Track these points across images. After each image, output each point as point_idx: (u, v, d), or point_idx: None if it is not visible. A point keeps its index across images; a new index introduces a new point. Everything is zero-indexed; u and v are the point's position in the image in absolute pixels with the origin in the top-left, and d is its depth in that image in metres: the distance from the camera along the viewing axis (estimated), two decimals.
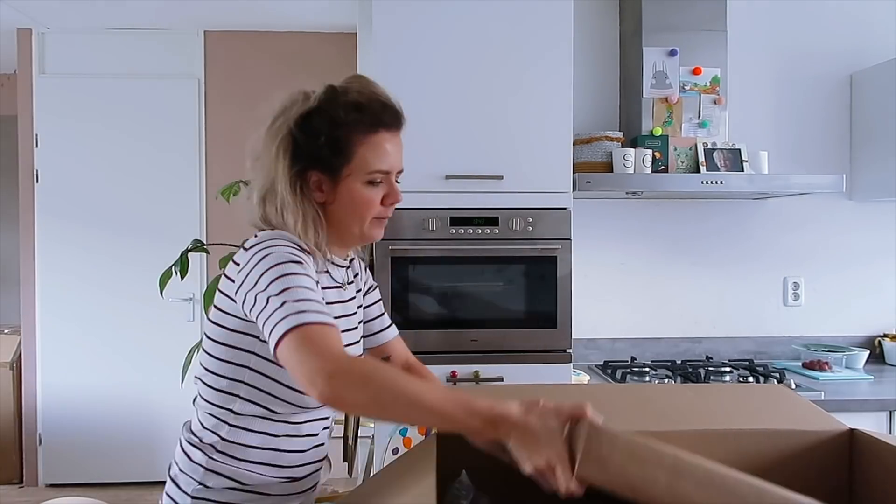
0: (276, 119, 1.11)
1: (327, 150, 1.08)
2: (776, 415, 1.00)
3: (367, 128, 1.09)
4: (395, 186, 1.15)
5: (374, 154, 1.10)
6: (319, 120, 1.08)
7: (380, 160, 1.10)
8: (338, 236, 1.15)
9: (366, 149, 1.09)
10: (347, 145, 1.08)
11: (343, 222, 1.12)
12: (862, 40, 2.63)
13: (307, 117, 1.08)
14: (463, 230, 2.04)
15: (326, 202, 1.11)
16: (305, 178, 1.09)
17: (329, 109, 1.08)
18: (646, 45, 2.38)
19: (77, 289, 3.55)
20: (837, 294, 2.64)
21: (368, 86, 1.13)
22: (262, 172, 1.11)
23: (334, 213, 1.12)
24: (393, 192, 1.14)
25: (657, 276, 2.60)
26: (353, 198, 1.10)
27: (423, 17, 2.04)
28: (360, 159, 1.09)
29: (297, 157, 1.08)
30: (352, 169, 1.09)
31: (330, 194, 1.11)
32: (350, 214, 1.12)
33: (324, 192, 1.11)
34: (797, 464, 0.92)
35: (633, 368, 2.34)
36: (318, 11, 3.34)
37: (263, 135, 1.12)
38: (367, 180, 1.10)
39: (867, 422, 2.02)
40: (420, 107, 2.04)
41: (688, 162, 2.35)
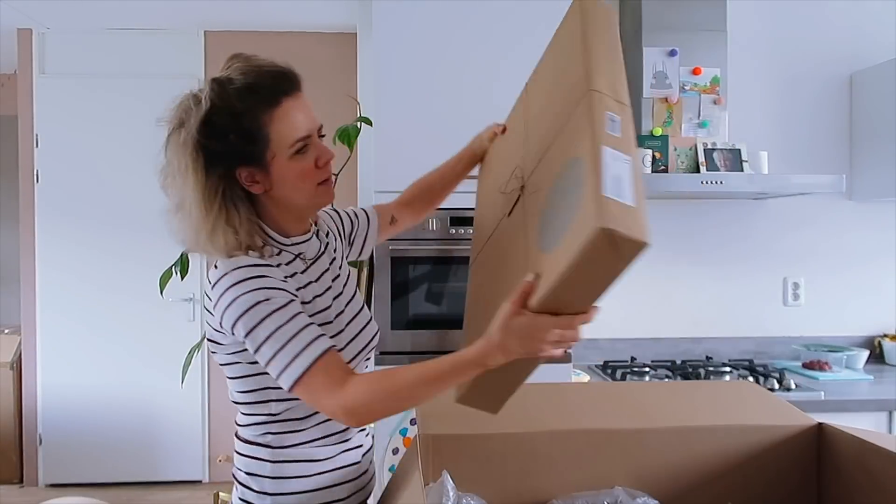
0: (174, 132, 1.07)
1: (242, 144, 1.03)
2: (748, 411, 1.03)
3: (268, 105, 1.03)
4: (321, 145, 1.10)
5: (287, 125, 1.04)
6: (220, 118, 1.02)
7: (295, 129, 1.05)
8: (293, 215, 1.13)
9: (277, 124, 1.03)
10: (258, 130, 1.03)
11: (291, 201, 1.09)
12: (862, 40, 2.63)
13: (207, 122, 1.02)
14: (463, 230, 2.04)
15: (267, 190, 1.08)
16: (234, 179, 1.05)
17: (224, 104, 1.02)
18: (646, 45, 2.38)
19: (77, 289, 3.55)
20: (837, 294, 2.64)
21: (249, 62, 1.07)
22: (176, 192, 1.09)
23: (279, 197, 1.09)
24: (322, 151, 1.09)
25: (657, 276, 2.60)
26: (288, 175, 1.06)
27: (423, 17, 2.04)
28: (276, 137, 1.04)
29: (214, 163, 1.03)
30: (274, 150, 1.04)
31: (266, 182, 1.06)
32: (293, 191, 1.08)
33: (260, 183, 1.06)
34: (769, 457, 0.95)
35: (633, 368, 2.34)
36: (318, 11, 3.34)
37: (168, 150, 1.09)
38: (292, 153, 1.05)
39: (867, 422, 2.02)
40: (420, 106, 2.04)
41: (688, 162, 2.36)
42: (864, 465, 0.87)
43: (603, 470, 0.95)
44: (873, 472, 0.85)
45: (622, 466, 0.95)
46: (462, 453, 0.98)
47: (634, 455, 0.96)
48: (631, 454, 0.96)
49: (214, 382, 3.59)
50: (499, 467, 0.99)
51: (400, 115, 2.04)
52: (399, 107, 2.04)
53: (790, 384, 2.13)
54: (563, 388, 1.37)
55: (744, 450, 0.95)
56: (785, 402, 1.06)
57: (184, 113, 1.05)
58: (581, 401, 1.09)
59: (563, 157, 0.90)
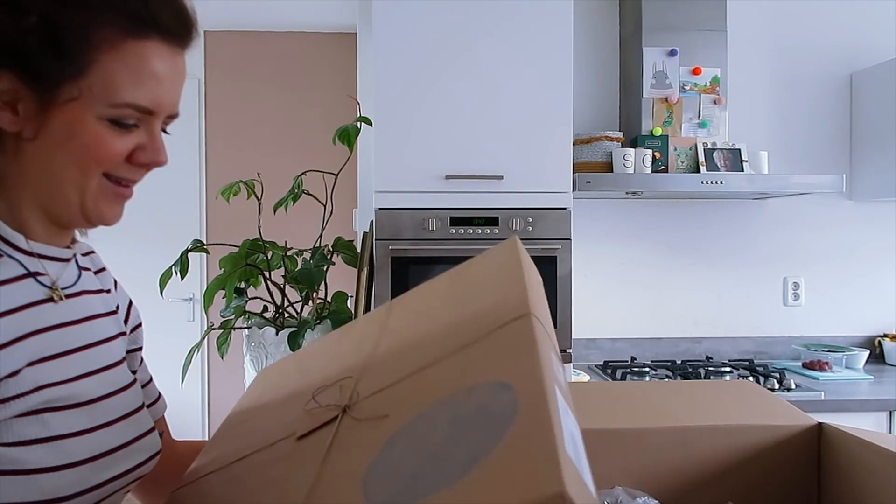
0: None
1: (40, 42, 0.61)
2: (748, 411, 1.03)
3: (128, 24, 0.63)
4: (157, 136, 0.69)
5: (131, 74, 0.63)
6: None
7: (140, 88, 0.64)
8: (43, 203, 0.67)
9: (117, 60, 0.63)
10: (83, 45, 0.62)
11: (50, 175, 0.65)
12: (862, 40, 2.63)
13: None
14: (463, 230, 2.04)
15: (23, 134, 0.63)
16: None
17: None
18: (646, 45, 2.38)
19: None
20: (837, 294, 2.64)
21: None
22: None
23: (35, 158, 0.64)
24: (153, 145, 0.68)
25: (657, 276, 2.60)
26: (76, 136, 0.63)
27: (423, 17, 2.04)
28: (102, 76, 0.62)
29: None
30: (83, 88, 0.62)
31: (30, 121, 0.63)
32: (64, 164, 0.64)
33: (20, 116, 0.63)
34: (769, 457, 0.95)
35: (633, 368, 2.34)
36: (318, 11, 3.34)
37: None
38: (109, 116, 0.64)
39: (867, 422, 2.02)
40: (420, 107, 2.04)
41: (688, 162, 2.36)
42: (864, 465, 0.87)
43: (603, 470, 0.95)
44: (873, 472, 0.85)
45: (622, 466, 0.95)
46: None
47: (634, 455, 0.96)
48: (631, 454, 0.96)
49: (214, 382, 3.59)
50: None
51: (400, 115, 2.04)
52: (399, 107, 2.04)
53: (790, 384, 2.13)
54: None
55: (744, 450, 0.95)
56: (785, 402, 1.06)
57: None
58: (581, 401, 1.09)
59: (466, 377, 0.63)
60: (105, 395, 0.69)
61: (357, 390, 0.70)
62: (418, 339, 0.76)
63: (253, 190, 1.95)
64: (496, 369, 0.60)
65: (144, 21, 0.64)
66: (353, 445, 0.62)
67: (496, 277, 0.79)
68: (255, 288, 2.12)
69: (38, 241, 0.68)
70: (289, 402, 0.78)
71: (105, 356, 0.72)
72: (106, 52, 0.62)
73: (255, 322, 2.08)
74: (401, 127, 2.04)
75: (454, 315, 0.76)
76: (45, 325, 0.65)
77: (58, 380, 0.64)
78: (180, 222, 3.55)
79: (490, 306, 0.71)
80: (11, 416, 0.60)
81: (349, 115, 2.33)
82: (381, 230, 2.03)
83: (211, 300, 2.07)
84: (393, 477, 0.53)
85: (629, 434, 0.98)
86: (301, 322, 2.02)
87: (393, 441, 0.58)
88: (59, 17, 0.61)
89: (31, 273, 0.66)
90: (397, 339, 0.80)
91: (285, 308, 2.09)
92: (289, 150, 3.45)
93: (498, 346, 0.64)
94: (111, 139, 0.64)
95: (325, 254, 2.13)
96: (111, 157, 0.65)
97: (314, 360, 0.89)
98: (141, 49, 0.64)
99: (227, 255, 2.06)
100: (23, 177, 0.65)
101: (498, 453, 0.48)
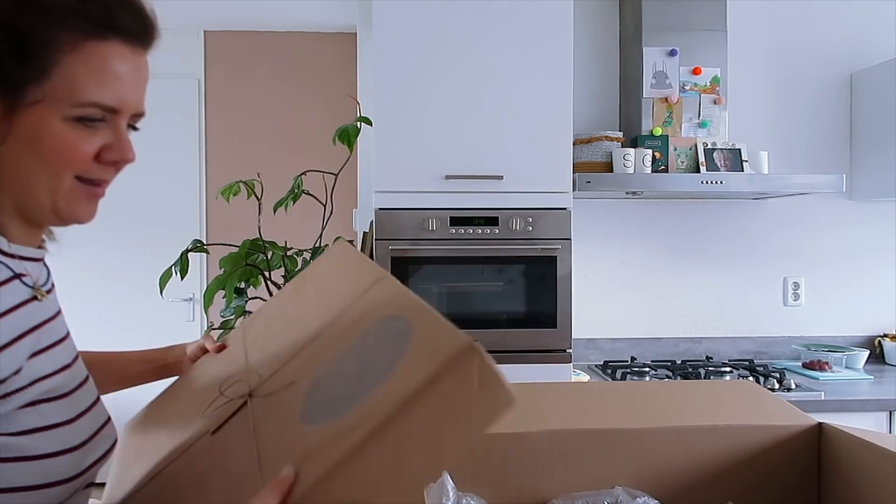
0: None
1: (3, 49, 0.62)
2: (748, 411, 1.03)
3: (88, 27, 0.65)
4: (123, 134, 0.70)
5: (94, 75, 0.65)
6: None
7: (102, 87, 0.66)
8: (17, 205, 0.69)
9: (78, 62, 0.65)
10: (46, 49, 0.63)
11: (22, 179, 0.66)
12: (862, 40, 2.63)
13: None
14: (463, 230, 2.04)
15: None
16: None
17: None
18: (646, 45, 2.38)
19: (76, 288, 3.55)
20: (837, 294, 2.64)
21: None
22: None
23: (6, 162, 0.66)
24: (120, 144, 0.69)
25: (657, 276, 2.60)
26: (42, 138, 0.65)
27: (423, 17, 2.04)
28: (66, 78, 0.64)
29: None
30: (48, 90, 0.64)
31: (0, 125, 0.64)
32: (34, 166, 0.66)
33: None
34: (769, 457, 0.95)
35: (633, 368, 2.34)
36: (318, 11, 3.34)
37: None
38: (73, 115, 0.65)
39: (867, 422, 2.02)
40: (420, 107, 2.04)
41: (688, 162, 2.36)
42: (864, 465, 0.87)
43: (603, 470, 0.96)
44: (873, 472, 0.85)
45: (622, 466, 0.95)
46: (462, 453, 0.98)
47: (634, 455, 0.96)
48: (631, 454, 0.96)
49: None
50: (499, 467, 0.99)
51: (400, 115, 2.04)
52: (399, 107, 2.04)
53: (790, 384, 2.13)
54: (563, 388, 1.38)
55: (744, 450, 0.95)
56: (785, 402, 1.06)
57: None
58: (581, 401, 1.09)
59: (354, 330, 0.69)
60: (78, 385, 0.73)
61: (249, 383, 0.74)
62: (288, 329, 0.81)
63: (253, 190, 1.95)
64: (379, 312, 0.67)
65: (104, 23, 0.66)
66: (277, 412, 0.66)
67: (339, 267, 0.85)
68: (255, 288, 2.12)
69: (16, 243, 0.70)
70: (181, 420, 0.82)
71: (71, 349, 0.76)
72: (68, 55, 0.64)
73: None
74: (401, 127, 2.04)
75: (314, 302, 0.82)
76: (35, 322, 0.68)
77: (48, 372, 0.68)
78: (180, 222, 3.55)
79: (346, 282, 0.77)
80: (14, 409, 0.64)
81: (349, 115, 2.33)
82: (381, 230, 2.03)
83: (211, 300, 2.07)
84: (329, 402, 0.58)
85: (629, 434, 0.98)
86: None
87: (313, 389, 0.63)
88: (21, 24, 0.63)
89: (17, 275, 0.69)
90: (266, 340, 0.84)
91: None
92: (289, 150, 3.45)
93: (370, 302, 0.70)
94: (78, 140, 0.66)
95: None
96: (80, 158, 0.67)
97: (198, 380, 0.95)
98: (101, 50, 0.66)
99: (227, 255, 2.06)
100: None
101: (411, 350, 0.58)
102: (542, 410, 1.06)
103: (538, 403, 1.08)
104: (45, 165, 0.66)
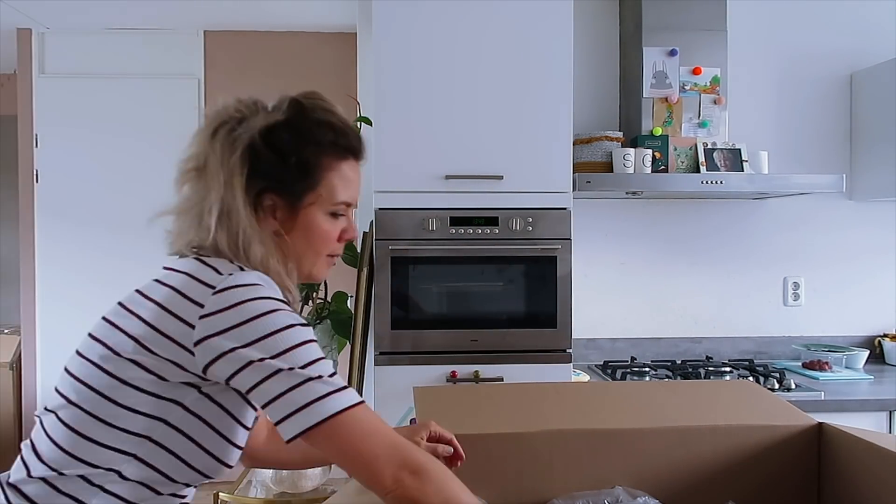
0: (228, 127, 0.95)
1: (294, 172, 0.94)
2: (748, 411, 1.03)
3: (340, 152, 0.98)
4: (352, 221, 1.03)
5: (343, 183, 0.98)
6: (288, 135, 0.94)
7: (346, 190, 0.99)
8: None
9: (335, 175, 0.97)
10: (316, 169, 0.95)
11: (294, 256, 0.98)
12: (862, 40, 2.63)
13: (273, 130, 0.93)
14: (463, 230, 2.04)
15: (278, 232, 0.96)
16: (260, 202, 0.94)
17: (301, 125, 0.95)
18: (646, 45, 2.38)
19: (77, 289, 3.55)
20: (837, 294, 2.64)
21: (333, 106, 1.01)
22: (209, 190, 0.93)
23: (286, 245, 0.97)
24: (350, 228, 1.02)
25: (657, 276, 2.60)
26: (313, 229, 0.97)
27: (423, 17, 2.04)
28: (327, 186, 0.97)
29: (255, 175, 0.92)
30: (316, 196, 0.96)
31: (286, 223, 0.96)
32: (305, 248, 0.98)
33: (278, 220, 0.96)
34: (769, 457, 0.95)
35: (633, 368, 2.34)
36: (318, 11, 3.34)
37: (208, 143, 0.95)
38: (330, 211, 0.98)
39: (867, 422, 2.02)
40: (420, 107, 2.04)
41: (688, 162, 2.36)
42: (864, 465, 0.87)
43: (603, 470, 0.96)
44: (873, 472, 0.85)
45: (622, 466, 0.95)
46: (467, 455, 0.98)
47: (634, 455, 0.96)
48: (631, 454, 0.96)
49: None
50: (499, 467, 0.99)
51: (400, 115, 2.04)
52: (399, 107, 2.04)
53: (790, 384, 2.13)
54: (563, 388, 1.37)
55: (744, 450, 0.95)
56: (785, 402, 1.06)
57: (247, 109, 0.97)
58: (581, 401, 1.09)
59: None
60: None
61: None
62: None
63: None
64: None
65: (347, 149, 0.99)
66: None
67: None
68: None
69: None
70: None
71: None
72: (330, 172, 0.97)
73: None
74: (401, 127, 2.04)
75: None
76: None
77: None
78: None
79: None
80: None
81: (349, 115, 2.33)
82: (381, 230, 2.03)
83: None
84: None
85: (629, 434, 0.98)
86: None
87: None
88: (306, 155, 0.95)
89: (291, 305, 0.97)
90: None
91: None
92: None
93: None
94: (332, 228, 0.99)
95: None
96: (330, 238, 0.99)
97: None
98: (346, 166, 0.99)
99: None
100: (282, 256, 0.96)
101: None
102: (542, 410, 1.05)
103: (538, 403, 1.08)
104: (310, 247, 0.98)
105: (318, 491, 1.91)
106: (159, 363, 0.85)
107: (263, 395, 0.81)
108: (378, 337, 2.03)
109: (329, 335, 2.06)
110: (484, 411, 1.08)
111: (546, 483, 0.96)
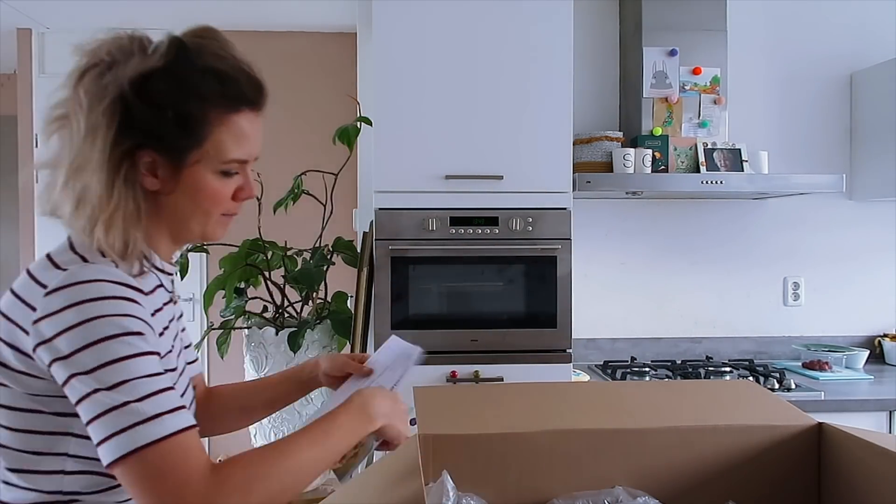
0: (97, 71, 0.85)
1: (173, 128, 0.84)
2: (748, 411, 1.03)
3: (228, 104, 0.87)
4: (250, 178, 0.93)
5: (234, 139, 0.88)
6: (167, 86, 0.83)
7: (239, 147, 0.88)
8: (171, 233, 0.93)
9: (224, 131, 0.87)
10: (200, 123, 0.85)
11: (181, 217, 0.90)
12: (862, 40, 2.63)
13: (148, 79, 0.82)
14: (463, 230, 2.04)
15: (161, 191, 0.87)
16: (134, 160, 0.83)
17: (181, 74, 0.84)
18: (646, 45, 2.38)
19: None
20: (837, 294, 2.64)
21: (226, 47, 0.90)
22: (68, 143, 0.84)
23: (170, 206, 0.89)
24: (247, 186, 0.93)
25: (657, 276, 2.60)
26: (200, 189, 0.88)
27: (423, 17, 2.04)
28: (215, 143, 0.86)
29: (127, 130, 0.82)
30: (202, 154, 0.86)
31: (168, 182, 0.87)
32: (192, 209, 0.89)
33: (159, 179, 0.86)
34: (769, 457, 0.95)
35: (633, 368, 2.34)
36: (318, 11, 3.34)
37: (73, 89, 0.86)
38: (220, 170, 0.88)
39: (867, 422, 2.03)
40: (420, 107, 2.04)
41: (688, 162, 2.36)
42: (864, 465, 0.87)
43: (603, 470, 0.95)
44: (873, 472, 0.85)
45: (622, 466, 0.95)
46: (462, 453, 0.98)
47: (634, 455, 0.96)
48: (631, 454, 0.96)
49: (214, 382, 3.58)
50: (499, 467, 0.99)
51: (400, 115, 2.04)
52: (399, 107, 2.04)
53: (790, 384, 2.13)
54: (563, 388, 1.37)
55: (744, 450, 0.95)
56: (785, 402, 1.06)
57: (119, 52, 0.85)
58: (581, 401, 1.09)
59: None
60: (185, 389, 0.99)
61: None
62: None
63: None
64: None
65: (238, 98, 0.87)
66: None
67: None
68: (255, 288, 2.12)
69: (162, 261, 0.95)
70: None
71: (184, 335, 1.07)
72: (217, 126, 0.86)
73: (255, 322, 2.08)
74: (401, 127, 2.04)
75: None
76: (171, 317, 0.97)
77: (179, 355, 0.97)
78: None
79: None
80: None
81: (349, 115, 2.33)
82: (381, 230, 2.03)
83: (211, 300, 2.07)
84: None
85: (629, 434, 0.98)
86: (301, 322, 2.02)
87: None
88: (188, 109, 0.84)
89: (161, 284, 0.95)
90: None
91: (285, 308, 2.09)
92: (289, 150, 3.45)
93: None
94: (223, 187, 0.90)
95: (325, 254, 2.13)
96: (223, 199, 0.91)
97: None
98: (237, 119, 0.88)
99: (227, 255, 2.06)
100: (158, 218, 0.90)
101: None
102: (542, 410, 1.05)
103: (538, 403, 1.08)
104: (198, 208, 0.90)
105: (317, 491, 1.91)
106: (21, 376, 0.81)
107: (82, 414, 0.76)
108: (378, 337, 2.04)
109: (329, 335, 2.06)
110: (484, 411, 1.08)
111: (546, 483, 0.96)
